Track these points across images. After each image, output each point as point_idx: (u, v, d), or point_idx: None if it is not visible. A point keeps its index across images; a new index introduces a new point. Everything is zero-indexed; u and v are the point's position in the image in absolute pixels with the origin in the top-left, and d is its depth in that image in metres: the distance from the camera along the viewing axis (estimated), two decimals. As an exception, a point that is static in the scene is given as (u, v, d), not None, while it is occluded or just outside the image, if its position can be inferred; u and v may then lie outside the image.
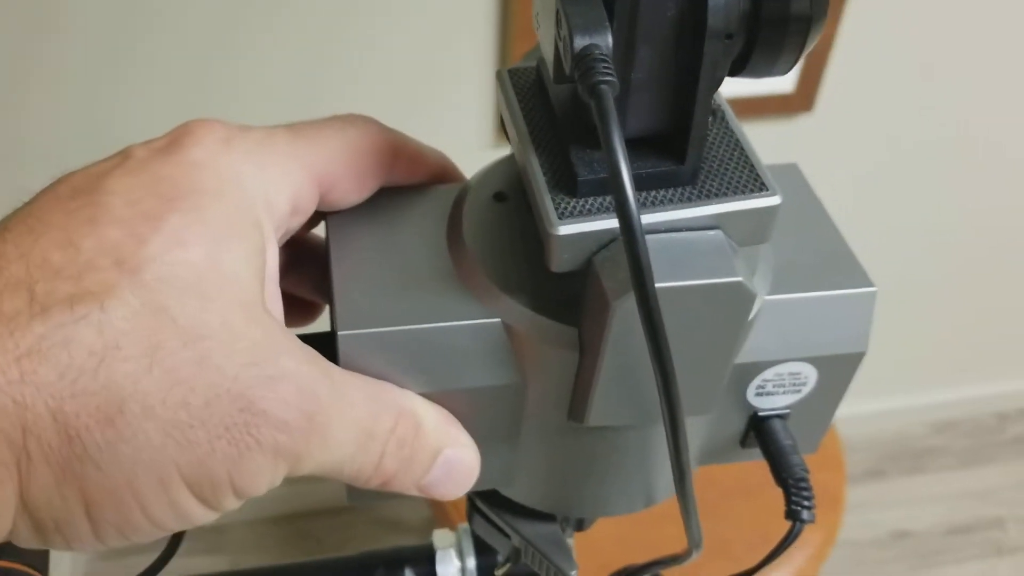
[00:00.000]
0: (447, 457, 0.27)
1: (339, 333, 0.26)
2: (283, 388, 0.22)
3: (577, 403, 0.27)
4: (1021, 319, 1.48)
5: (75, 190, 0.22)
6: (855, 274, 0.29)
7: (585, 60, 0.21)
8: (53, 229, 0.21)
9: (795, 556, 0.85)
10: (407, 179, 0.30)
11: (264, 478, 0.22)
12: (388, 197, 0.30)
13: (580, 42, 0.21)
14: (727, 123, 0.27)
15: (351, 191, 0.28)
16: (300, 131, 0.27)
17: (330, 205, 0.28)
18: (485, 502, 0.34)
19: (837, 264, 0.29)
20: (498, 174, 0.30)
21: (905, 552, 1.41)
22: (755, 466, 0.34)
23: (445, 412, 0.27)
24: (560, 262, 0.24)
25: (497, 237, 0.28)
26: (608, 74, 0.20)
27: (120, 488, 0.21)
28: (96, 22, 0.88)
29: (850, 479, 1.49)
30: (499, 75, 0.28)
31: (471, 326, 0.26)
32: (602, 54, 0.21)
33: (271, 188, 0.25)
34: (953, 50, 1.12)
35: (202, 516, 0.23)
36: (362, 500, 0.30)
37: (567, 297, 0.26)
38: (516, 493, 0.32)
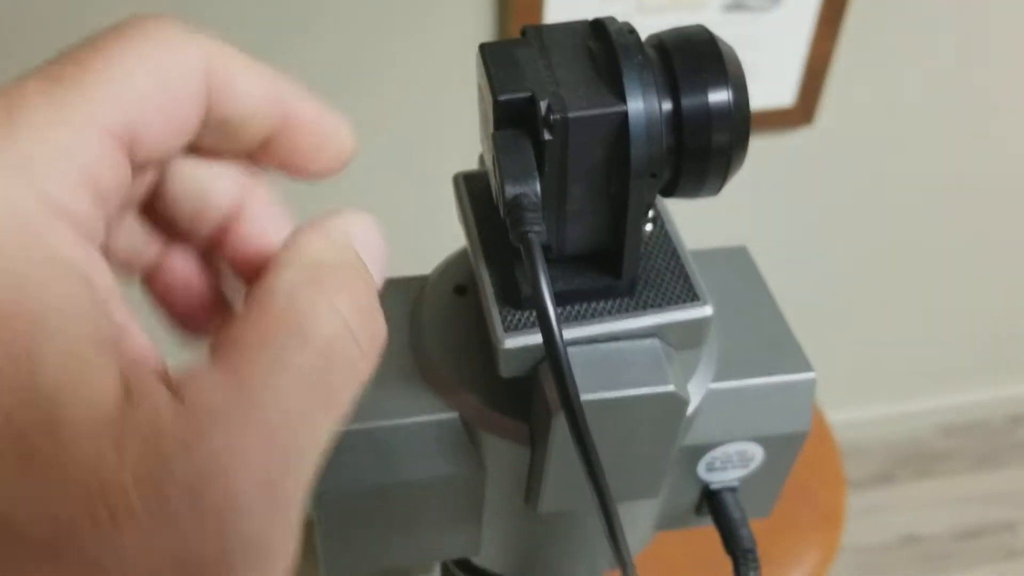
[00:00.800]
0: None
1: None
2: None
3: (531, 491, 0.29)
4: (1031, 321, 1.48)
5: None
6: (796, 360, 0.31)
7: (515, 210, 0.23)
8: None
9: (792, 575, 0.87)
10: (241, 106, 0.20)
11: None
12: None
13: (511, 191, 0.23)
14: (666, 231, 0.28)
15: (164, 137, 0.19)
16: (63, 76, 0.17)
17: (142, 162, 0.19)
18: (458, 568, 0.36)
19: (779, 350, 0.31)
20: (458, 267, 0.32)
21: (915, 557, 1.42)
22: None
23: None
24: (508, 370, 0.26)
25: (456, 332, 0.30)
26: (535, 223, 0.22)
27: None
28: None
29: (859, 483, 1.50)
30: (455, 180, 0.30)
31: (431, 422, 0.29)
32: (531, 203, 0.23)
33: (48, 187, 0.16)
34: (951, 61, 1.12)
35: None
36: (341, 571, 0.33)
37: (520, 393, 0.28)
38: (484, 561, 0.34)
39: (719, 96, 0.24)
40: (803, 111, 1.13)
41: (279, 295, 0.18)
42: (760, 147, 1.17)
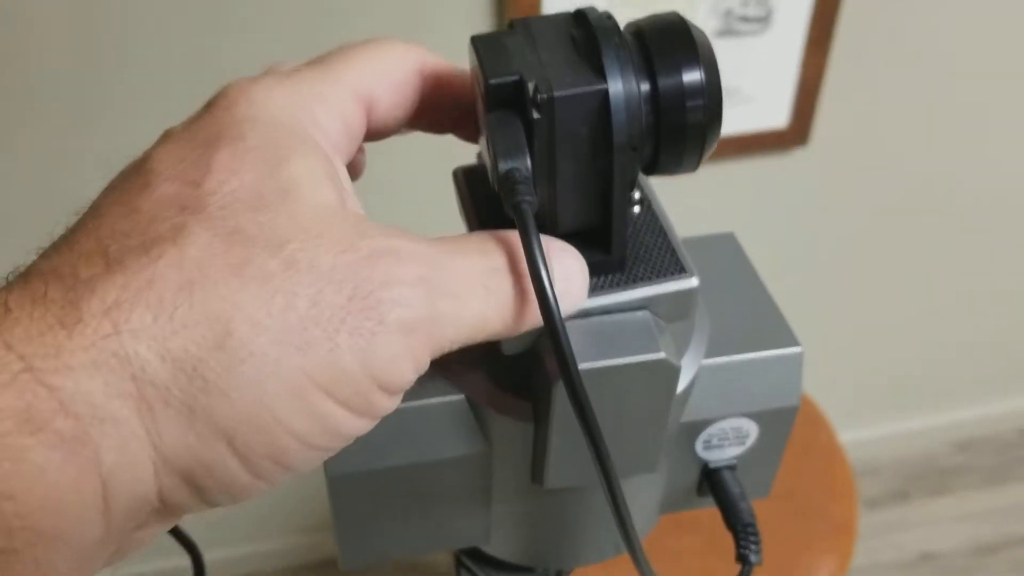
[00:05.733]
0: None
1: None
2: (383, 263, 0.22)
3: (536, 467, 0.30)
4: (1037, 334, 1.49)
5: (124, 173, 0.23)
6: (784, 336, 0.32)
7: (507, 182, 0.24)
8: (114, 206, 0.22)
9: (809, 585, 0.87)
10: (440, 94, 0.29)
11: (405, 363, 0.22)
12: None
13: (503, 166, 0.24)
14: (653, 210, 0.30)
15: (393, 107, 0.28)
16: (325, 59, 0.27)
17: (378, 126, 0.28)
18: (469, 558, 0.37)
19: (767, 327, 0.32)
20: None
21: (932, 573, 1.41)
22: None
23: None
24: (509, 346, 0.28)
25: None
26: (527, 194, 0.24)
27: (254, 411, 0.20)
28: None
29: (875, 502, 1.50)
30: (454, 175, 0.32)
31: (438, 403, 0.30)
32: (522, 176, 0.24)
33: (315, 108, 0.25)
34: (942, 75, 1.14)
35: (354, 425, 0.22)
36: (357, 563, 0.34)
37: (522, 372, 0.29)
38: (494, 549, 0.35)
39: (692, 75, 0.25)
40: (797, 132, 1.15)
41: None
42: (756, 169, 1.19)
